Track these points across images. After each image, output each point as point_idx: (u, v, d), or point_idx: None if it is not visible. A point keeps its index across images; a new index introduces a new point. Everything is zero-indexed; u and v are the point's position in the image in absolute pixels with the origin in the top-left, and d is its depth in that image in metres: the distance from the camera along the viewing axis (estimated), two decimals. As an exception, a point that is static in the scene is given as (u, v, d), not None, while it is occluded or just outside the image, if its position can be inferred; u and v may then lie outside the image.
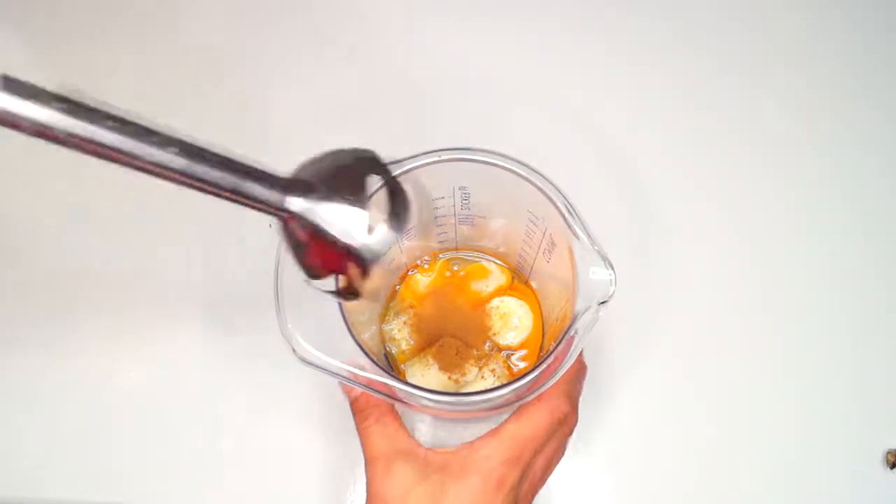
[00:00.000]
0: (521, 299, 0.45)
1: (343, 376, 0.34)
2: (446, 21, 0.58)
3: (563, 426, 0.36)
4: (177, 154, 0.23)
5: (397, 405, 0.38)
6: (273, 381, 0.48)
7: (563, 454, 0.38)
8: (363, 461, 0.37)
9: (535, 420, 0.35)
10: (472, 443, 0.35)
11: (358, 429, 0.38)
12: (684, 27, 0.57)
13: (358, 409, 0.38)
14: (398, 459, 0.35)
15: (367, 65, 0.57)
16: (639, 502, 0.47)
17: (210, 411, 0.48)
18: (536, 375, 0.33)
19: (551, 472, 0.38)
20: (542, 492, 0.37)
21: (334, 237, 0.26)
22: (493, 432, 0.35)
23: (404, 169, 0.36)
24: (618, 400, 0.48)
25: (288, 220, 0.26)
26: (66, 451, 0.48)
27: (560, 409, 0.36)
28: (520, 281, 0.47)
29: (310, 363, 0.34)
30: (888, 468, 0.46)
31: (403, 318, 0.45)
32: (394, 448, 0.36)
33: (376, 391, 0.34)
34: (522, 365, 0.44)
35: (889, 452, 0.47)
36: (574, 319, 0.33)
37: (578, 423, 0.37)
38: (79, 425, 0.48)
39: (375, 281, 0.27)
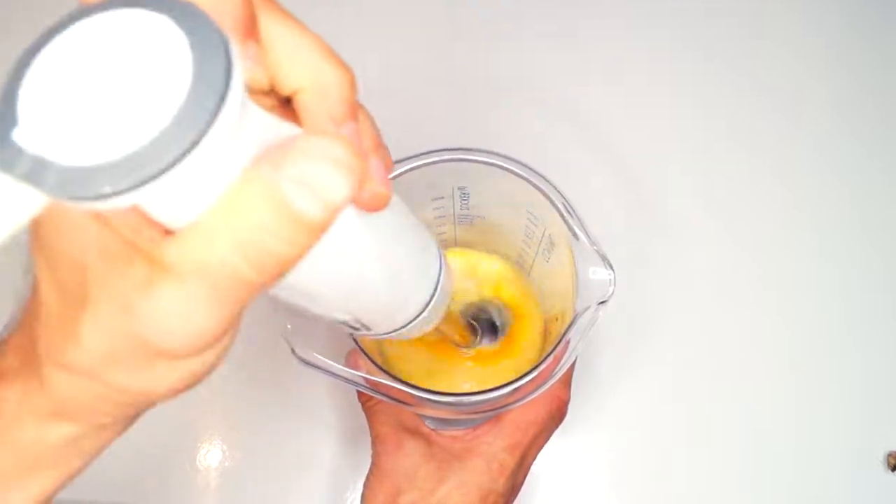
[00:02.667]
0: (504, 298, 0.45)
1: (342, 377, 0.34)
2: (446, 21, 0.58)
3: (559, 413, 0.37)
4: None
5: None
6: (274, 380, 0.48)
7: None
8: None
9: (537, 407, 0.36)
10: (475, 428, 0.36)
11: (364, 407, 0.39)
12: (685, 27, 0.57)
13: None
14: (407, 437, 0.36)
15: (365, 65, 0.57)
16: (637, 501, 0.47)
17: (210, 411, 0.48)
18: (536, 375, 0.33)
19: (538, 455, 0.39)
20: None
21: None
22: (496, 419, 0.36)
23: (404, 169, 0.36)
24: (617, 400, 0.48)
25: None
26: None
27: (559, 396, 0.37)
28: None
29: (309, 363, 0.34)
30: (889, 470, 0.46)
31: None
32: (401, 425, 0.37)
33: (376, 391, 0.35)
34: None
35: (890, 454, 0.46)
36: (573, 319, 0.33)
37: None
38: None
39: None
